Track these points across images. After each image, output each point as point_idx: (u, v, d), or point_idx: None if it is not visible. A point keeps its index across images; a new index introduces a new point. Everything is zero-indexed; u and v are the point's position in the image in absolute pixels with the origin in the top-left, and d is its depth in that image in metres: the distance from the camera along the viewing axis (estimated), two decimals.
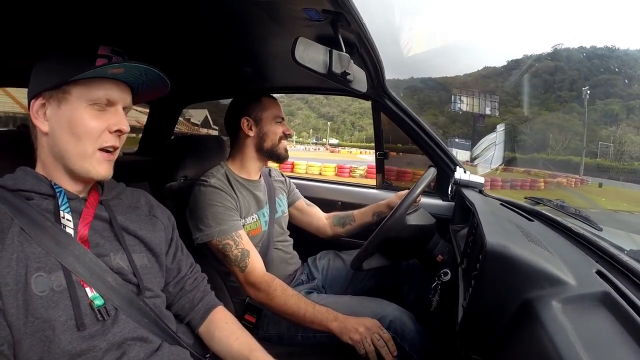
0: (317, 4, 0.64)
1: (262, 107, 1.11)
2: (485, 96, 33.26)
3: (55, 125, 0.59)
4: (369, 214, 1.27)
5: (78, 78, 0.58)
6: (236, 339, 0.75)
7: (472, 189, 1.22)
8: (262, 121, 1.10)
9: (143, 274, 0.65)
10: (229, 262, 0.97)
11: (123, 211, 0.68)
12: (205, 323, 0.77)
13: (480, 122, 32.37)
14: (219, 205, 0.99)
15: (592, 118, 38.43)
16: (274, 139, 1.11)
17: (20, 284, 0.52)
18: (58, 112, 0.59)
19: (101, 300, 0.58)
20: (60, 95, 0.59)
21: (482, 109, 31.85)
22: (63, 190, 0.61)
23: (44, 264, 0.55)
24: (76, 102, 0.59)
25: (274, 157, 1.13)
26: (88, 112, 0.60)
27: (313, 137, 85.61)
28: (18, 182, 0.59)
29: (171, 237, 0.76)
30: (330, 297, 1.07)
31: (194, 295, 0.77)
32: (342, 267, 1.24)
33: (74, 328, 0.54)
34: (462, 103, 32.09)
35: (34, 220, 0.56)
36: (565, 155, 24.13)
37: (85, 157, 0.60)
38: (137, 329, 0.61)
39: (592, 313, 0.44)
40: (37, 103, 0.60)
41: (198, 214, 0.99)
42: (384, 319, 0.91)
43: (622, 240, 0.79)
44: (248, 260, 0.96)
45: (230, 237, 0.96)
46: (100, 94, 0.60)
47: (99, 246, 0.61)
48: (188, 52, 1.02)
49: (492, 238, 0.52)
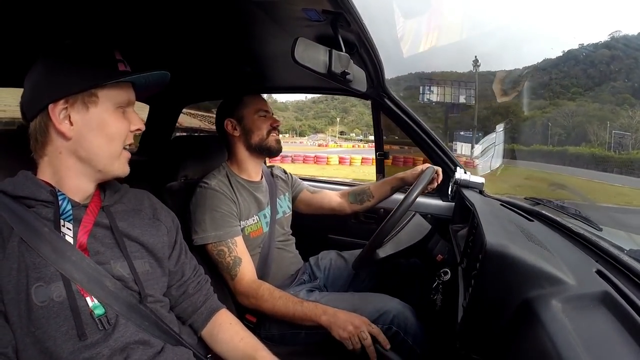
0: (317, 4, 0.65)
1: (242, 105, 1.11)
2: (460, 85, 32.04)
3: (85, 129, 0.60)
4: (387, 188, 1.26)
5: (112, 82, 0.60)
6: (241, 340, 0.75)
7: (472, 189, 1.22)
8: (244, 118, 1.10)
9: (144, 280, 0.65)
10: (221, 268, 0.98)
11: (125, 216, 0.68)
12: (209, 326, 0.77)
13: (455, 112, 31.80)
14: (217, 210, 0.99)
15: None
16: (261, 134, 1.10)
17: (22, 294, 0.52)
18: (87, 115, 0.60)
19: (102, 309, 0.58)
20: (87, 99, 0.60)
21: (456, 99, 31.11)
22: (67, 198, 0.60)
23: (44, 273, 0.54)
24: (105, 104, 0.61)
25: (265, 152, 1.12)
26: (116, 114, 0.63)
27: (360, 134, 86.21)
28: (17, 188, 0.58)
29: (175, 239, 0.76)
30: (332, 294, 1.07)
31: (196, 298, 0.77)
32: (343, 266, 1.24)
33: (76, 338, 0.54)
34: (432, 93, 30.47)
35: (32, 228, 0.55)
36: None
37: (116, 156, 0.63)
38: (139, 333, 0.61)
39: (592, 312, 0.44)
40: (59, 108, 0.58)
41: (197, 216, 0.99)
42: (387, 314, 0.92)
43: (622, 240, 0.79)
44: (238, 269, 0.97)
45: (224, 244, 0.97)
46: (124, 97, 0.63)
47: (99, 254, 0.61)
48: (188, 51, 1.02)
49: (492, 238, 0.52)
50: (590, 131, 32.69)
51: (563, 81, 59.29)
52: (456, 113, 32.30)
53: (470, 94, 30.07)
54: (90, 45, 0.62)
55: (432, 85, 33.74)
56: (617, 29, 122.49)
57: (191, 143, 1.28)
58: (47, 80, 0.60)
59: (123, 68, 0.62)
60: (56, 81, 0.59)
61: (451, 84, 32.34)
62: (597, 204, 2.03)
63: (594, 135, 31.71)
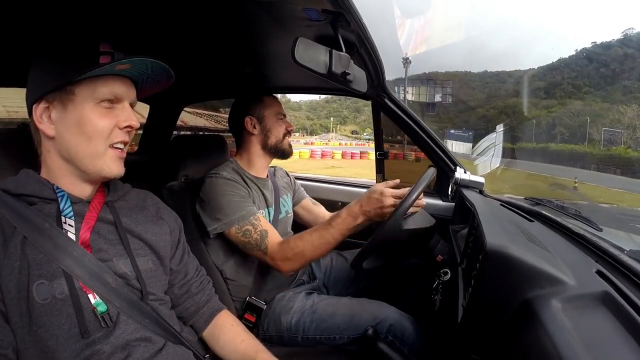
0: (317, 4, 0.64)
1: (264, 105, 1.14)
2: (436, 84, 32.36)
3: (63, 127, 0.58)
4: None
5: (84, 77, 0.57)
6: (242, 341, 0.75)
7: (472, 189, 1.22)
8: (265, 119, 1.13)
9: (147, 277, 0.64)
10: (250, 248, 0.98)
11: (129, 212, 0.67)
12: (210, 326, 0.77)
13: (430, 110, 31.82)
14: (233, 194, 1.01)
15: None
16: (278, 136, 1.14)
17: (22, 292, 0.52)
18: (64, 114, 0.58)
19: (104, 306, 0.57)
20: (64, 97, 0.58)
21: (432, 98, 31.23)
22: (66, 194, 0.60)
23: (46, 270, 0.54)
24: (82, 102, 0.58)
25: (279, 153, 1.15)
26: (96, 111, 0.59)
27: (370, 133, 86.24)
28: (20, 186, 0.58)
29: (178, 239, 0.75)
30: (331, 298, 1.07)
31: (199, 298, 0.77)
32: (344, 266, 1.24)
33: (78, 336, 0.54)
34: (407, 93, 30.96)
35: (34, 225, 0.55)
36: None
37: (98, 156, 0.60)
38: (140, 330, 0.60)
39: (592, 313, 0.44)
40: (40, 107, 0.58)
41: (213, 204, 0.99)
42: (384, 323, 0.92)
43: (622, 240, 0.79)
44: (267, 241, 0.97)
45: (249, 222, 0.98)
46: (105, 92, 0.59)
47: (101, 251, 0.60)
48: (188, 51, 1.02)
49: (492, 238, 0.52)
50: (590, 130, 32.48)
51: (576, 81, 58.80)
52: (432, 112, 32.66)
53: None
54: (71, 40, 0.60)
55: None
56: (631, 27, 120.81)
57: (191, 143, 1.28)
58: (32, 80, 0.60)
59: (107, 61, 0.58)
60: (37, 80, 0.59)
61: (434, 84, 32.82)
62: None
63: (588, 133, 31.53)
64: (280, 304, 1.03)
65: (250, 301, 1.04)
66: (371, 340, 0.89)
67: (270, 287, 1.09)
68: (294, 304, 1.01)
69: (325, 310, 0.98)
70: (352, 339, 0.93)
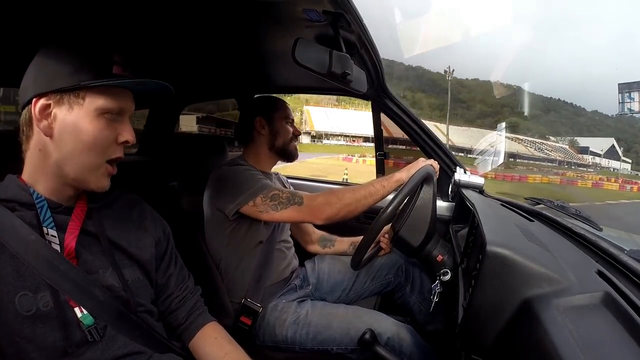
0: (318, 4, 0.64)
1: (274, 107, 1.17)
2: None
3: (62, 129, 0.55)
4: (346, 244, 1.32)
5: (101, 85, 0.55)
6: (225, 354, 0.71)
7: (472, 189, 1.22)
8: (275, 121, 1.15)
9: (135, 288, 0.62)
10: (281, 208, 0.96)
11: (112, 224, 0.64)
12: (195, 339, 0.73)
13: None
14: (254, 172, 1.04)
15: None
16: (286, 138, 1.16)
17: (2, 303, 0.49)
18: (68, 116, 0.55)
19: (91, 319, 0.55)
20: (73, 99, 0.55)
21: None
22: (45, 203, 0.56)
23: (29, 282, 0.51)
24: (88, 108, 0.55)
25: (285, 155, 1.18)
26: (99, 121, 0.56)
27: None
28: (1, 191, 0.55)
29: (165, 250, 0.72)
30: (326, 305, 1.04)
31: (179, 314, 0.73)
32: (342, 269, 1.23)
33: (62, 350, 0.52)
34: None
35: (18, 235, 0.52)
36: None
37: (92, 168, 0.57)
38: (129, 344, 0.58)
39: (592, 313, 0.44)
40: (42, 103, 0.54)
41: (233, 184, 1.00)
42: (381, 336, 0.91)
43: (622, 241, 0.79)
44: (299, 193, 0.99)
45: (275, 188, 1.00)
46: (113, 104, 0.57)
47: (87, 263, 0.58)
48: (188, 52, 1.02)
49: (492, 238, 0.52)
50: None
51: None
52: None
53: None
54: (88, 42, 0.57)
55: None
56: None
57: (191, 143, 1.28)
58: (38, 71, 0.56)
59: (119, 72, 0.56)
60: (45, 73, 0.55)
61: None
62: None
63: None
64: (273, 315, 1.01)
65: (245, 303, 1.03)
66: (369, 345, 0.88)
67: (267, 287, 1.07)
68: (287, 316, 0.99)
69: (320, 321, 0.96)
70: (349, 350, 0.93)
